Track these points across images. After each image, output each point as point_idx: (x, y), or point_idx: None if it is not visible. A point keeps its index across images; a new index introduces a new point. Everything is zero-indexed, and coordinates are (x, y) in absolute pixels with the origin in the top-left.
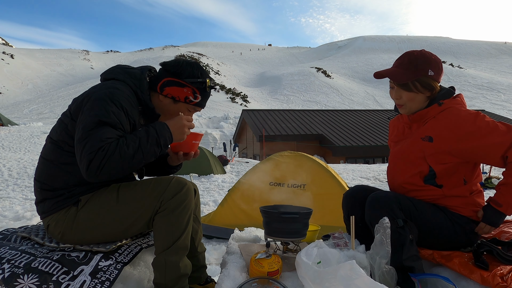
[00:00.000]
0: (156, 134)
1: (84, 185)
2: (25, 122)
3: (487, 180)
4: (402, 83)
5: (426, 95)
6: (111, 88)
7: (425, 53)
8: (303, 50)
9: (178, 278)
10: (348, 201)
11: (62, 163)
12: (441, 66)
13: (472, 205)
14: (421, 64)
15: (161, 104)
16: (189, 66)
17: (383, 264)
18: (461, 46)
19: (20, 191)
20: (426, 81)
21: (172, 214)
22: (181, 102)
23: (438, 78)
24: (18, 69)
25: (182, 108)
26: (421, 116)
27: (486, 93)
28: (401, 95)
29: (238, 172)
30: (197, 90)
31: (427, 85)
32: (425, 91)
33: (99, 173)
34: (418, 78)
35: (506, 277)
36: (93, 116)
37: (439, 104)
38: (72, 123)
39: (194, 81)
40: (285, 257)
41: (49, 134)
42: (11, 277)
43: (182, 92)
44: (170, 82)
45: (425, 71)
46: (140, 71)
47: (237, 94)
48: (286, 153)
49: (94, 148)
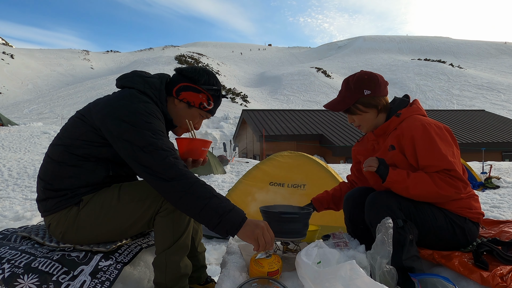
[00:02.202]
0: (224, 212)
1: (89, 186)
2: (25, 122)
3: (487, 180)
4: (345, 111)
5: (374, 112)
6: (141, 102)
7: (359, 75)
8: (303, 50)
9: (179, 278)
10: (349, 203)
11: (70, 165)
12: (378, 82)
13: (467, 208)
14: (355, 88)
15: (175, 108)
16: (206, 73)
17: (384, 264)
18: (461, 46)
19: (20, 191)
20: (364, 101)
21: (173, 214)
22: (195, 107)
23: (378, 93)
24: (18, 69)
25: (195, 113)
26: (384, 130)
27: (486, 93)
28: (353, 119)
29: (238, 172)
30: (211, 97)
31: (368, 104)
32: (369, 109)
33: (179, 192)
34: (357, 100)
35: (506, 277)
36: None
37: (397, 115)
38: (92, 131)
39: (210, 88)
40: (285, 257)
41: (58, 133)
42: (11, 277)
43: (197, 97)
44: (187, 87)
45: (360, 92)
46: (159, 80)
47: (237, 94)
48: (286, 153)
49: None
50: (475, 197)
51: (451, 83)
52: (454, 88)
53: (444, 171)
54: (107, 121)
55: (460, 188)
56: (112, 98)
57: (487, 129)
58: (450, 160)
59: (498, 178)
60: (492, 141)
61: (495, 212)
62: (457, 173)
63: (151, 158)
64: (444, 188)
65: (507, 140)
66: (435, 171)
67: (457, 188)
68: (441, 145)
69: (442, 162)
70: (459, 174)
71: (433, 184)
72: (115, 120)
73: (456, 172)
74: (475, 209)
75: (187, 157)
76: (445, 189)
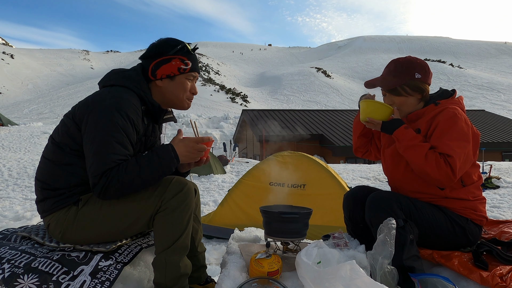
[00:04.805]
0: (158, 160)
1: (85, 185)
2: (25, 122)
3: (487, 180)
4: (391, 89)
5: (417, 98)
6: (117, 98)
7: (411, 58)
8: (303, 50)
9: (178, 278)
10: (349, 202)
11: (64, 164)
12: (428, 69)
13: (472, 209)
14: (407, 69)
15: (163, 89)
16: (164, 42)
17: (385, 265)
18: (461, 46)
19: (20, 191)
20: (414, 84)
21: (172, 213)
22: (177, 75)
23: (426, 80)
24: (18, 69)
25: (181, 81)
26: (418, 116)
27: (486, 93)
28: (393, 101)
29: (238, 172)
30: (183, 57)
31: (415, 88)
32: (414, 93)
33: (102, 197)
34: (406, 82)
35: (505, 277)
36: (100, 131)
37: (436, 104)
38: (76, 128)
39: (176, 50)
40: (285, 257)
41: (51, 134)
42: (11, 277)
43: (172, 66)
44: (158, 64)
45: (411, 74)
46: (135, 72)
47: (237, 94)
48: (286, 153)
49: (98, 172)
50: (482, 200)
51: (451, 83)
52: (454, 88)
53: (444, 154)
54: (81, 117)
55: (448, 175)
56: (92, 96)
57: (487, 129)
58: (455, 149)
59: (498, 178)
60: (492, 141)
61: (495, 212)
62: (454, 163)
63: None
64: (431, 167)
65: (507, 140)
66: (438, 152)
67: (445, 174)
68: (457, 135)
69: (446, 146)
70: (456, 166)
71: (423, 157)
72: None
73: (454, 161)
74: (479, 212)
75: None
76: (431, 168)
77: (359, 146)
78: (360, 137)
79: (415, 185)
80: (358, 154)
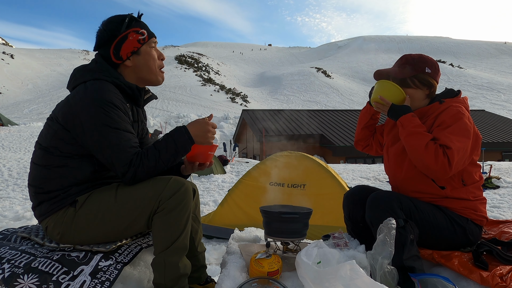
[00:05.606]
0: (174, 142)
1: (79, 185)
2: (25, 122)
3: (487, 180)
4: (401, 79)
5: (425, 93)
6: (97, 91)
7: (422, 55)
8: (303, 50)
9: (178, 278)
10: (348, 202)
11: (54, 167)
12: (438, 68)
13: (472, 209)
14: (418, 62)
15: (134, 67)
16: (108, 23)
17: (385, 265)
18: (461, 46)
19: (20, 191)
20: (423, 77)
21: (170, 214)
22: (140, 47)
23: (435, 76)
24: (18, 69)
25: (147, 51)
26: (422, 113)
27: (486, 93)
28: None
29: (238, 172)
30: (136, 28)
31: (425, 81)
32: (423, 87)
33: (132, 183)
34: (416, 74)
35: (505, 277)
36: (100, 126)
37: (440, 102)
38: (64, 129)
39: (126, 25)
40: (285, 257)
41: (37, 140)
42: (11, 277)
43: (131, 41)
44: (117, 46)
45: (422, 68)
46: (98, 63)
47: (237, 94)
48: (286, 153)
49: (123, 164)
50: (483, 201)
51: (451, 83)
52: (454, 88)
53: (444, 146)
54: (67, 118)
55: (444, 166)
56: (71, 97)
57: (487, 129)
58: (455, 143)
59: (498, 178)
60: (492, 141)
61: (495, 212)
62: (452, 155)
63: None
64: (429, 156)
65: (507, 140)
66: (439, 144)
67: (441, 164)
68: (458, 130)
69: (447, 138)
70: (454, 158)
71: (424, 146)
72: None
73: (452, 153)
74: (480, 212)
75: (194, 161)
76: (430, 157)
77: (361, 139)
78: (364, 129)
79: (417, 185)
80: (358, 147)
